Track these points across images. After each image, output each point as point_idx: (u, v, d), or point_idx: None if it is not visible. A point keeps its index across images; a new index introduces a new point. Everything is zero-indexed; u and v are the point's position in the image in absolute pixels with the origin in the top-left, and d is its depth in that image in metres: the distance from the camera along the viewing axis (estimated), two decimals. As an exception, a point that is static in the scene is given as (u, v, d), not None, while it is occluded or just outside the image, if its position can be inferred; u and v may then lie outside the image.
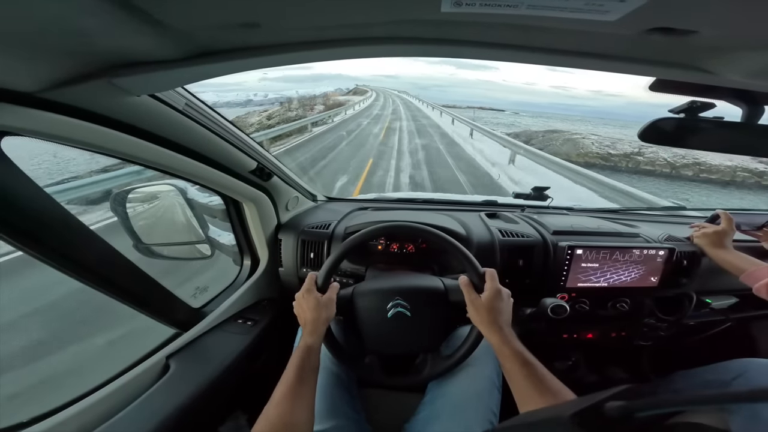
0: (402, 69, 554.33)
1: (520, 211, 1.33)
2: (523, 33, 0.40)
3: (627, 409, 0.25)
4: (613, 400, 0.26)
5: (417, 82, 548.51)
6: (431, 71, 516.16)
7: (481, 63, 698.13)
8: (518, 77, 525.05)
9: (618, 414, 0.25)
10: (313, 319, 0.69)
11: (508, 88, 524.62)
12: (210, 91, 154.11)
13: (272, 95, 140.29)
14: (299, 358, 0.63)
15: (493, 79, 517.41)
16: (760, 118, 0.51)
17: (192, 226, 1.11)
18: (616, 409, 0.25)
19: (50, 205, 0.54)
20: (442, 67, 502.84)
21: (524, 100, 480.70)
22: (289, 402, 0.57)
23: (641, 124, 0.58)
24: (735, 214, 1.09)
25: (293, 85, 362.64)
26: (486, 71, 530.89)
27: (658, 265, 1.04)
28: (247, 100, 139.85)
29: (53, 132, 0.48)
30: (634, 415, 0.25)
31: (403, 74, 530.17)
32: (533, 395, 0.54)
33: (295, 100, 37.17)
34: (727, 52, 0.38)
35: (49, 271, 0.56)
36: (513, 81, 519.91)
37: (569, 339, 1.19)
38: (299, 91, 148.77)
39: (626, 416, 0.25)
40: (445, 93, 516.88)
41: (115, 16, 0.32)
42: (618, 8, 0.29)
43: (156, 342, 0.82)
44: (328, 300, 0.72)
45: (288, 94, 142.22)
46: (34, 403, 1.12)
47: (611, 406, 0.26)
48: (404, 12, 0.37)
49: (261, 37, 0.43)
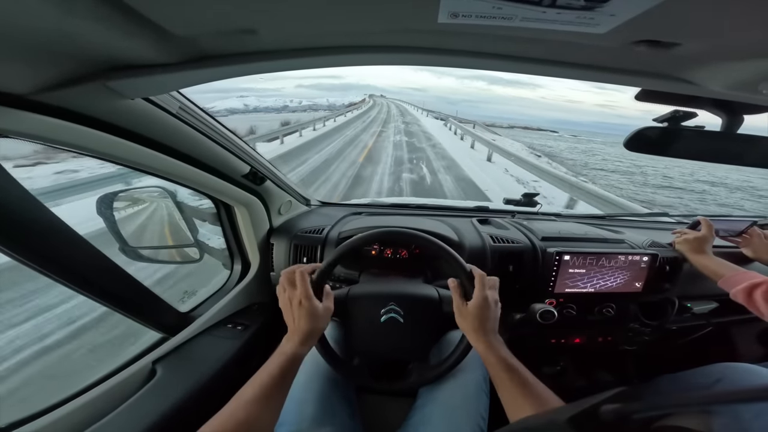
0: (430, 82, 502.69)
1: (511, 217, 1.35)
2: (517, 44, 0.42)
3: (622, 412, 0.26)
4: (608, 403, 0.27)
5: (446, 96, 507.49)
6: (460, 86, 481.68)
7: (515, 78, 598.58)
8: (559, 94, 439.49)
9: (613, 417, 0.26)
10: (309, 330, 0.63)
11: (547, 105, 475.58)
12: (252, 95, 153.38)
13: (305, 102, 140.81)
14: (282, 366, 0.58)
15: (529, 96, 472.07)
16: (739, 128, 0.54)
17: (181, 230, 1.09)
18: (611, 413, 0.26)
19: (36, 209, 0.52)
20: (473, 82, 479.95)
21: (563, 118, 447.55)
22: (260, 406, 0.54)
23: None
24: (715, 220, 1.12)
25: (324, 93, 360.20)
26: (521, 88, 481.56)
27: (642, 271, 1.06)
28: (283, 105, 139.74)
29: (44, 135, 0.47)
30: (629, 418, 0.25)
31: (432, 87, 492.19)
32: (518, 400, 0.55)
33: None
34: (708, 64, 0.40)
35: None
36: (552, 98, 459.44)
37: (557, 344, 1.21)
38: (329, 99, 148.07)
39: (621, 419, 0.26)
40: (475, 108, 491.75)
41: (113, 19, 0.32)
42: (607, 21, 0.30)
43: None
44: (325, 310, 0.67)
45: (319, 102, 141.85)
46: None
47: (606, 409, 0.26)
48: (401, 22, 0.38)
49: (258, 43, 0.43)
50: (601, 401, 0.27)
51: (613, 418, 0.26)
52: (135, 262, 0.97)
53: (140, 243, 1.05)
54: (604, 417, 0.26)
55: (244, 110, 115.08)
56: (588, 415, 0.27)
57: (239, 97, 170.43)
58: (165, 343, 0.83)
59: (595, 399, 0.28)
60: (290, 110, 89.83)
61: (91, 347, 1.80)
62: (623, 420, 0.26)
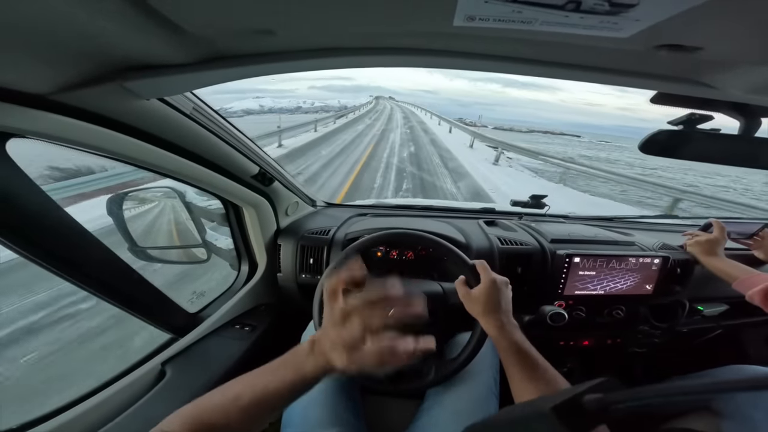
0: (442, 84, 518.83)
1: (518, 218, 1.34)
2: (533, 47, 0.41)
3: (604, 401, 0.26)
4: (591, 392, 0.27)
5: (458, 98, 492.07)
6: (473, 88, 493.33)
7: (531, 81, 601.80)
8: (578, 97, 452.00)
9: (596, 406, 0.26)
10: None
11: (566, 108, 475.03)
12: (268, 96, 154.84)
13: (318, 103, 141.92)
14: (307, 380, 0.43)
15: (547, 99, 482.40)
16: (757, 131, 0.53)
17: (189, 230, 1.10)
18: (593, 402, 0.26)
19: (50, 208, 0.53)
20: (486, 84, 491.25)
21: (584, 122, 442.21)
22: (263, 411, 0.42)
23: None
24: (727, 222, 1.11)
25: (336, 95, 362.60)
26: (538, 90, 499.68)
27: (653, 273, 1.06)
28: (297, 107, 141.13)
29: (59, 135, 0.47)
30: (610, 408, 0.26)
31: (443, 89, 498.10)
32: (528, 386, 0.53)
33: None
34: (729, 68, 0.40)
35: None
36: (572, 101, 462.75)
37: (566, 346, 1.20)
38: (341, 101, 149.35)
39: (603, 408, 0.26)
40: (489, 111, 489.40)
41: (135, 19, 0.32)
42: (631, 26, 0.29)
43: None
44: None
45: (331, 103, 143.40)
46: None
47: (589, 398, 0.27)
48: (417, 24, 0.37)
49: (274, 44, 0.43)
50: (584, 390, 0.28)
51: (596, 407, 0.26)
52: (148, 264, 0.98)
53: (149, 243, 1.06)
54: (588, 406, 0.26)
55: (260, 111, 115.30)
56: (571, 403, 0.27)
57: (255, 98, 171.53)
58: (174, 344, 0.83)
59: (579, 388, 0.28)
60: (303, 111, 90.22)
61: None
62: (605, 409, 0.26)
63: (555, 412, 0.27)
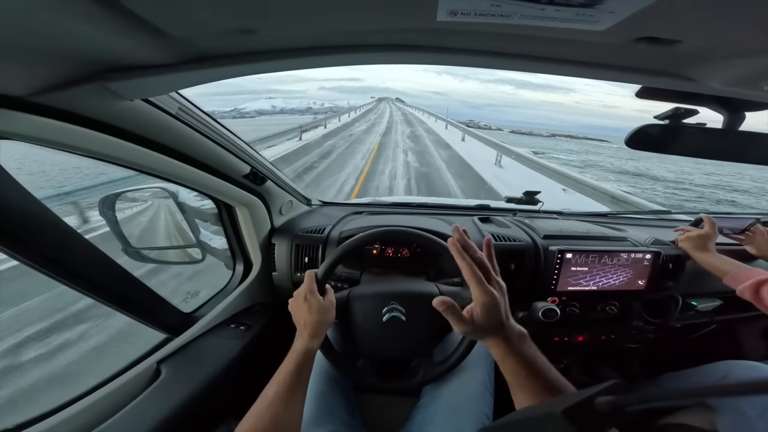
0: (451, 86, 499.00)
1: (512, 215, 1.35)
2: (517, 41, 0.42)
3: (616, 403, 0.26)
4: (603, 394, 0.27)
5: (468, 100, 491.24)
6: (484, 89, 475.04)
7: (545, 82, 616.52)
8: (594, 99, 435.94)
9: (608, 409, 0.26)
10: (317, 322, 0.65)
11: (581, 110, 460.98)
12: (280, 97, 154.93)
13: (327, 104, 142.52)
14: (297, 361, 0.61)
15: (561, 101, 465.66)
16: (741, 125, 0.53)
17: (183, 230, 1.10)
18: (606, 404, 0.26)
19: (38, 209, 0.53)
20: (498, 86, 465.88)
21: (600, 124, 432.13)
22: (283, 403, 0.56)
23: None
24: (718, 218, 1.12)
25: (345, 96, 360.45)
26: (552, 92, 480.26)
27: (645, 269, 1.06)
28: (307, 107, 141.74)
29: (44, 136, 0.47)
30: (623, 410, 0.25)
31: (452, 91, 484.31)
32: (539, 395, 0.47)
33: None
34: (708, 61, 0.40)
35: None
36: (587, 103, 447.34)
37: (560, 342, 1.20)
38: (350, 101, 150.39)
39: (616, 411, 0.26)
40: (500, 113, 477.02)
41: (109, 20, 0.32)
42: (607, 18, 0.30)
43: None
44: (329, 303, 0.70)
45: (340, 104, 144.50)
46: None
47: (601, 401, 0.26)
48: (401, 20, 0.38)
49: (257, 44, 0.43)
50: (596, 392, 0.27)
51: (608, 410, 0.26)
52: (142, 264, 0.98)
53: (142, 244, 1.06)
54: (600, 408, 0.26)
55: (272, 112, 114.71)
56: (583, 406, 0.27)
57: (267, 98, 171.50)
58: (169, 344, 0.83)
59: (591, 390, 0.28)
60: (313, 112, 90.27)
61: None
62: (618, 411, 0.26)
63: (566, 414, 0.26)
